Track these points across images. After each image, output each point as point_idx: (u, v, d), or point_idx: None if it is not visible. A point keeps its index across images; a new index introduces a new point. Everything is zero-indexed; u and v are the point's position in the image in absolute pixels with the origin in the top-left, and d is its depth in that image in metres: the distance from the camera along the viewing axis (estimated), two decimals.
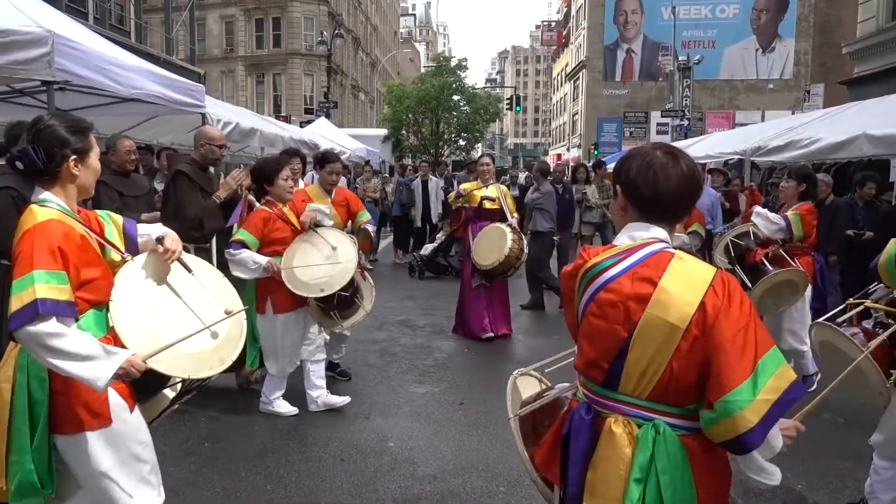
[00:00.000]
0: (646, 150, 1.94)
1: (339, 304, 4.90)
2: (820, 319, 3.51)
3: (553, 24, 74.93)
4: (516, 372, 2.54)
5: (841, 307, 3.55)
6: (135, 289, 2.45)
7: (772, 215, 5.46)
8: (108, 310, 2.38)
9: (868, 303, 3.40)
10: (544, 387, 2.50)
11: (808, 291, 5.54)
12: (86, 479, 2.40)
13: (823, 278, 5.73)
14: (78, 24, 6.48)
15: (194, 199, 5.18)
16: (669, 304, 1.77)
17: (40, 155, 2.31)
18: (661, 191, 1.87)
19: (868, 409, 3.73)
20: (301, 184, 7.59)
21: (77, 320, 2.25)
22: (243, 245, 4.68)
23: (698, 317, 1.74)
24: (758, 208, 5.69)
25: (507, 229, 6.89)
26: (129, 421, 2.43)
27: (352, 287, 4.91)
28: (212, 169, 5.72)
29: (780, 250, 5.41)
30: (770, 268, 5.31)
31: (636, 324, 1.81)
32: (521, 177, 18.80)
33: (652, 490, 1.78)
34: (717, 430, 1.71)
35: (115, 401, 2.38)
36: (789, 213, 5.44)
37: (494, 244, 6.74)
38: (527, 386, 2.52)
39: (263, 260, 4.67)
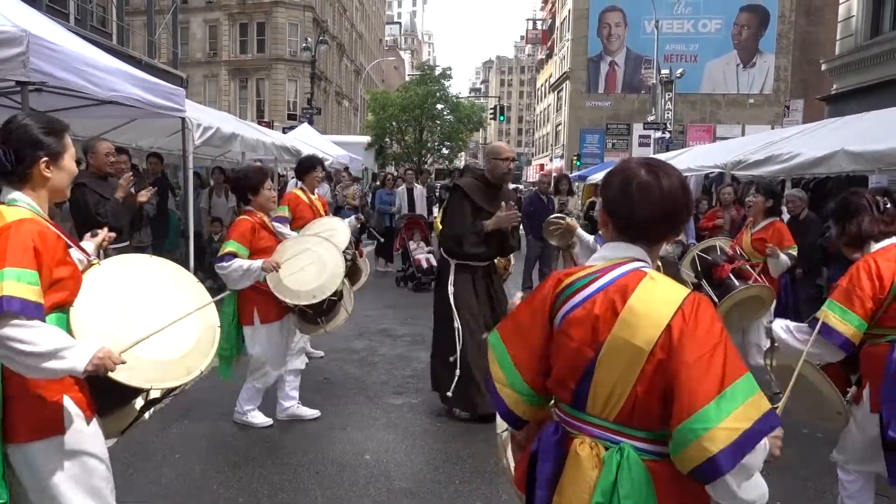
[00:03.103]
0: (629, 167, 1.88)
1: (326, 308, 4.90)
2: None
3: (539, 22, 74.75)
4: None
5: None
6: (99, 294, 2.36)
7: (783, 260, 5.55)
8: (69, 314, 2.29)
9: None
10: None
11: (772, 306, 5.61)
12: (34, 491, 2.30)
13: (787, 293, 5.79)
14: (56, 25, 6.39)
15: (460, 215, 5.14)
16: (636, 326, 1.71)
17: (9, 156, 2.24)
18: (636, 214, 1.82)
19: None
20: (325, 189, 7.60)
21: (45, 321, 2.17)
22: (234, 257, 4.56)
23: (664, 340, 1.68)
24: (775, 256, 5.61)
25: None
26: (85, 432, 2.32)
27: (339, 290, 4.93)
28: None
29: (747, 265, 5.44)
30: (737, 283, 5.31)
31: (602, 344, 1.76)
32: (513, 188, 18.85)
33: None
34: (681, 458, 1.64)
35: (71, 410, 2.28)
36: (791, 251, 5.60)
37: None
38: None
39: (258, 262, 4.56)
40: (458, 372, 5.12)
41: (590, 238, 4.62)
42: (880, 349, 3.11)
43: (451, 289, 5.19)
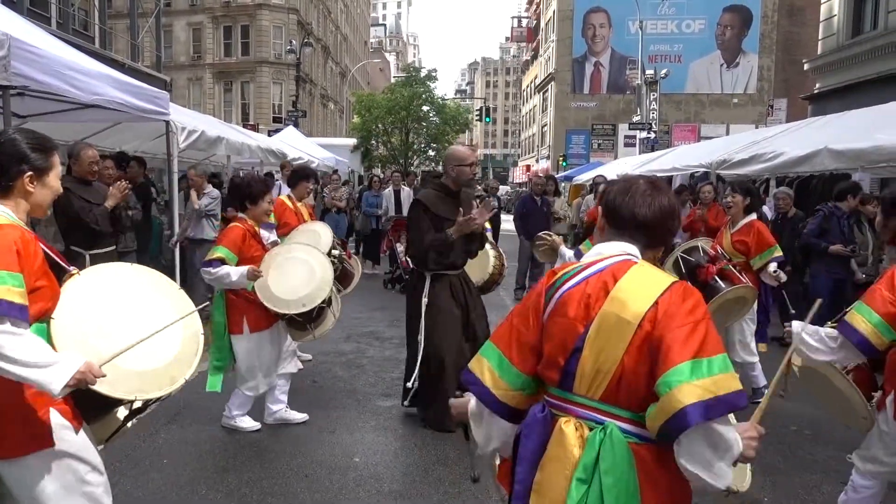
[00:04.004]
0: (630, 178, 2.09)
1: (316, 314, 4.90)
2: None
3: (524, 20, 74.41)
4: None
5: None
6: (80, 305, 2.33)
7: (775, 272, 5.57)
8: (49, 325, 2.27)
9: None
10: None
11: (754, 305, 5.67)
12: (27, 502, 2.28)
13: (767, 291, 5.89)
14: (38, 29, 6.34)
15: (419, 231, 4.95)
16: (625, 301, 1.82)
17: None
18: (637, 214, 1.96)
19: (834, 423, 3.76)
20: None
21: (29, 327, 2.16)
22: (223, 263, 4.54)
23: (651, 313, 1.79)
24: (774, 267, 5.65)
25: (489, 247, 6.79)
26: (75, 442, 2.31)
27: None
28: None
29: (729, 265, 5.50)
30: (722, 285, 5.35)
31: (592, 319, 1.85)
32: (502, 189, 18.84)
33: (595, 491, 1.77)
34: (656, 412, 1.71)
35: (58, 422, 2.26)
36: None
37: (477, 264, 6.66)
38: None
39: (243, 269, 4.55)
40: (414, 385, 5.07)
41: (570, 253, 4.72)
42: None
43: (424, 300, 5.05)
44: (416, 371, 5.06)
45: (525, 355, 1.97)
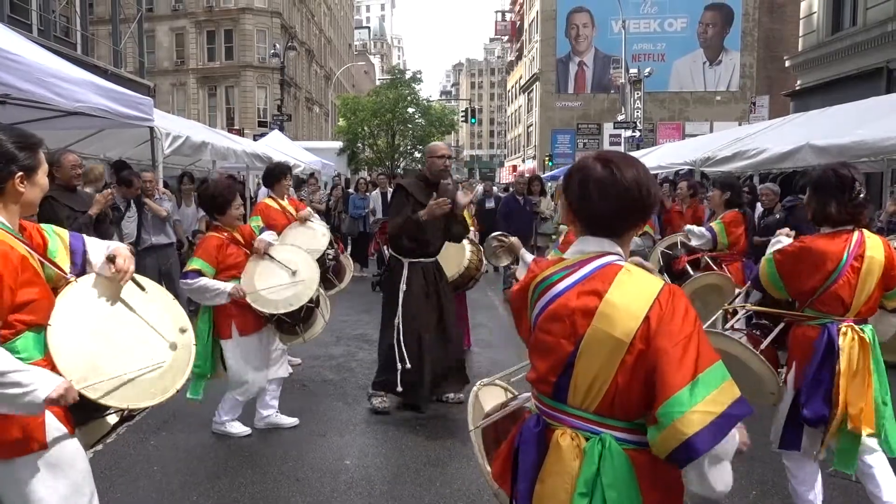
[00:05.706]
0: (586, 164, 1.91)
1: (304, 316, 4.92)
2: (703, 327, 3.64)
3: (508, 14, 74.03)
4: (479, 383, 2.50)
5: (719, 312, 3.74)
6: (76, 313, 2.33)
7: (697, 229, 5.78)
8: (45, 332, 2.26)
9: (749, 306, 3.57)
10: (510, 395, 2.47)
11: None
12: None
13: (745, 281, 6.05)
14: (19, 36, 6.30)
15: (400, 211, 5.39)
16: (615, 318, 1.75)
17: None
18: (597, 208, 1.86)
19: None
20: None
21: (2, 345, 2.14)
22: (200, 274, 4.53)
23: (643, 331, 1.72)
24: (688, 226, 6.01)
25: (466, 242, 6.86)
26: (67, 447, 2.30)
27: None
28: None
29: (706, 258, 5.66)
30: (692, 272, 5.58)
31: (582, 337, 1.79)
32: (493, 189, 18.89)
33: None
34: (660, 441, 1.68)
35: (52, 424, 2.26)
36: (714, 224, 5.73)
37: (452, 258, 6.72)
38: (491, 397, 2.47)
39: (227, 286, 4.56)
40: (399, 366, 5.30)
41: (530, 257, 4.75)
42: (810, 331, 3.25)
43: (402, 286, 5.38)
44: (400, 353, 5.30)
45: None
